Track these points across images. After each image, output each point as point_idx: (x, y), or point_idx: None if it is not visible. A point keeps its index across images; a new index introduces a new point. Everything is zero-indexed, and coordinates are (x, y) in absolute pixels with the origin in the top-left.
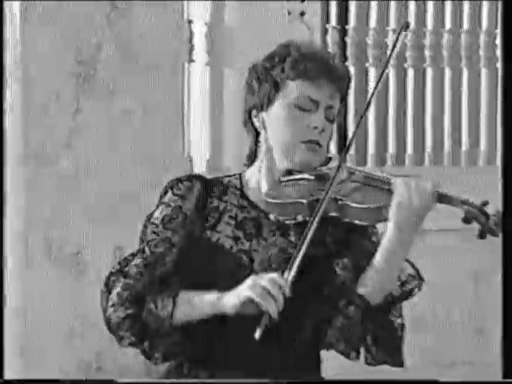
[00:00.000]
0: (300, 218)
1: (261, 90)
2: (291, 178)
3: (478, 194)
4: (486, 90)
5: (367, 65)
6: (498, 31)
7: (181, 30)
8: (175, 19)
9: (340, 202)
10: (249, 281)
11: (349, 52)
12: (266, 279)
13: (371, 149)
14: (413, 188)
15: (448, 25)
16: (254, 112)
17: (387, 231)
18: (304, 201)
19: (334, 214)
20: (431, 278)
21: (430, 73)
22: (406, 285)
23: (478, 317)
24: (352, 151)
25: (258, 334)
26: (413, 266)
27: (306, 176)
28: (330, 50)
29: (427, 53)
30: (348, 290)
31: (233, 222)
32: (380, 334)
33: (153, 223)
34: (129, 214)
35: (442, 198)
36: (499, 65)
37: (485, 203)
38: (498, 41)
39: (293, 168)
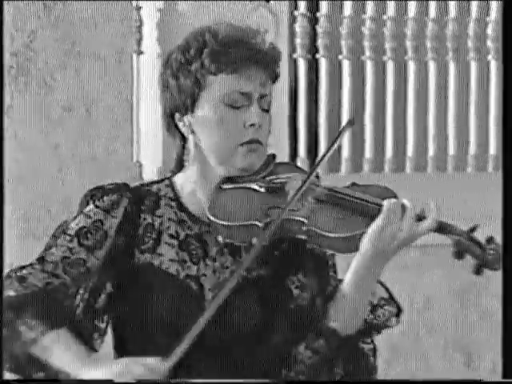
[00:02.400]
0: (255, 242)
1: (181, 90)
2: (235, 186)
3: (466, 202)
4: (476, 85)
5: (340, 57)
6: (490, 19)
7: (128, 17)
8: (122, 4)
9: (304, 227)
10: (120, 365)
11: (320, 42)
12: (140, 367)
13: (346, 152)
14: (408, 212)
15: (432, 12)
16: (177, 115)
17: (358, 256)
18: (259, 224)
19: (301, 237)
20: (410, 297)
21: (412, 66)
22: (379, 309)
23: (465, 342)
24: (303, 154)
25: None
26: (386, 288)
27: (253, 186)
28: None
29: (409, 44)
30: (316, 321)
31: (175, 242)
32: (351, 363)
33: (67, 234)
34: None
35: (441, 229)
36: (490, 57)
37: (473, 229)
38: (490, 30)
39: (233, 174)
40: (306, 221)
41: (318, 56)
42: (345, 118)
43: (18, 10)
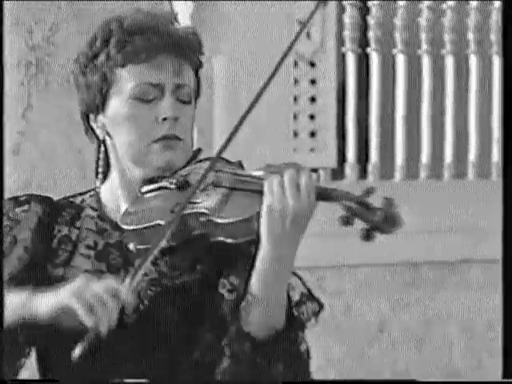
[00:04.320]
0: (164, 244)
1: (89, 88)
2: (150, 188)
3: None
4: None
5: (394, 51)
6: None
7: (159, 8)
8: None
9: (203, 218)
10: (76, 283)
11: (371, 35)
12: (99, 285)
13: (399, 158)
14: (286, 184)
15: (498, 1)
16: (91, 116)
17: (260, 248)
18: (162, 222)
19: (199, 232)
20: (472, 319)
21: (474, 61)
22: (302, 305)
23: None
24: (352, 159)
25: (76, 353)
26: (304, 283)
27: (164, 184)
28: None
29: (471, 36)
30: (229, 323)
31: (92, 253)
32: (287, 367)
33: None
34: None
35: (321, 194)
36: None
37: (369, 191)
38: None
39: (151, 175)
40: (206, 211)
41: (369, 50)
42: (399, 118)
43: (38, 0)
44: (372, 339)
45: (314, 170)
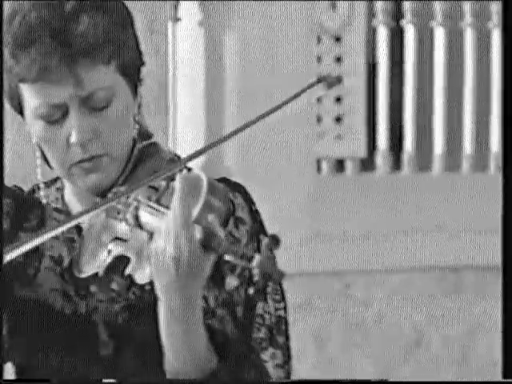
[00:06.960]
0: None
1: (10, 97)
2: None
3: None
4: None
5: (433, 24)
6: None
7: None
8: None
9: None
10: None
11: (406, 6)
12: None
13: (438, 147)
14: (172, 223)
15: None
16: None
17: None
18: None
19: None
20: None
21: None
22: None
23: None
24: (384, 148)
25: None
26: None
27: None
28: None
29: None
30: None
31: (58, 268)
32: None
33: None
34: None
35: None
36: None
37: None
38: None
39: (83, 193)
40: None
41: (403, 23)
42: (438, 101)
43: None
44: (407, 354)
45: (340, 161)
